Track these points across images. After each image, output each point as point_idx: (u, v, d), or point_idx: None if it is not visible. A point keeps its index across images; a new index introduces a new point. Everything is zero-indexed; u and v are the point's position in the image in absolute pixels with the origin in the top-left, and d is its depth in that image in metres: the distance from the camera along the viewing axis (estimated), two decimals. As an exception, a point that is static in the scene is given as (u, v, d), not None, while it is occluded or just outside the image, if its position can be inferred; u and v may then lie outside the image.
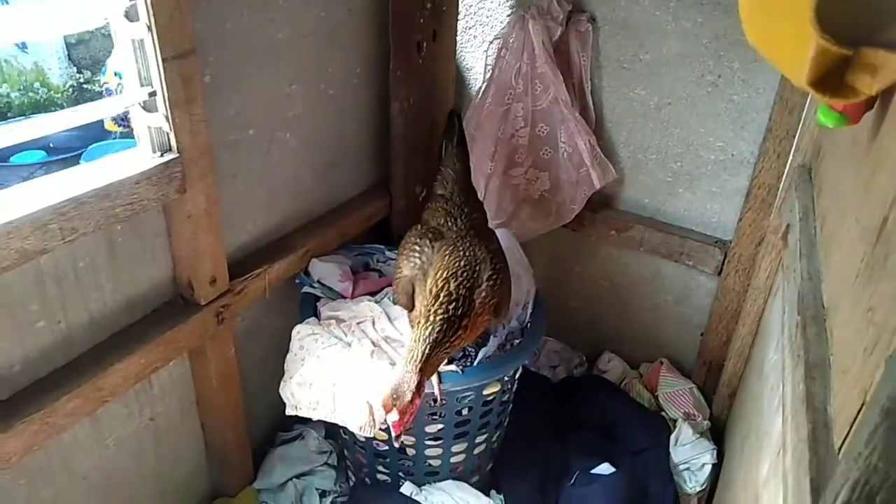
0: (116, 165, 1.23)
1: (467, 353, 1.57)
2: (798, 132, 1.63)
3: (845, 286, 0.85)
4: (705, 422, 1.96)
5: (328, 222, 1.79)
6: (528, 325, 1.67)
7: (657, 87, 1.86)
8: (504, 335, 1.62)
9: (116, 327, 1.35)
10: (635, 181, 2.00)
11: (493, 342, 1.58)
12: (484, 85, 1.99)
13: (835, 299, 0.91)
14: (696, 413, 1.97)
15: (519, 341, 1.64)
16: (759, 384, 1.51)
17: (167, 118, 1.24)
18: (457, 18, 1.90)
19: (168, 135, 1.27)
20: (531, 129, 1.97)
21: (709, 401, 2.05)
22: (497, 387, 1.57)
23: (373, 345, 1.53)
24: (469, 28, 2.06)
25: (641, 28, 1.81)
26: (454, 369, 1.48)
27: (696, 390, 2.05)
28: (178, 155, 1.28)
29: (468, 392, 1.52)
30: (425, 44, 1.76)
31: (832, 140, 1.27)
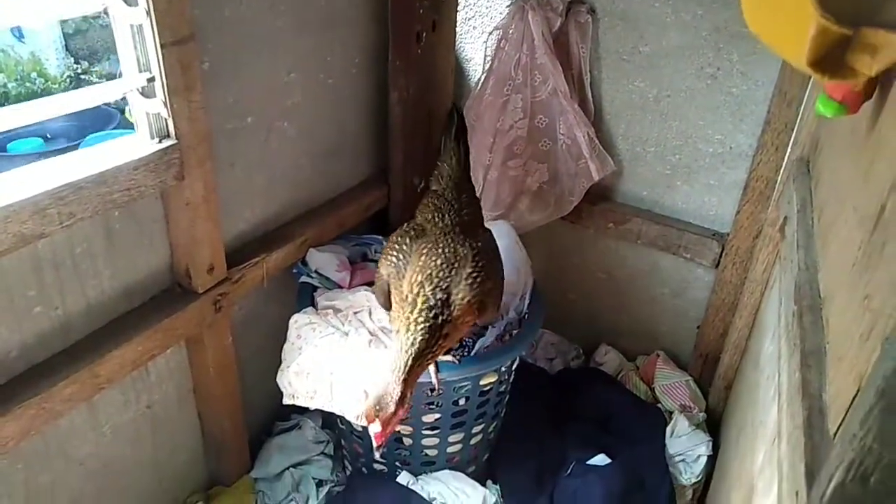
0: (115, 151, 1.23)
1: (464, 344, 1.57)
2: (796, 125, 1.64)
3: (842, 275, 0.85)
4: (701, 414, 1.97)
5: (326, 212, 1.79)
6: (526, 317, 1.67)
7: (656, 80, 1.86)
8: (502, 326, 1.62)
9: (114, 314, 1.35)
10: (634, 174, 2.00)
11: (491, 333, 1.58)
12: (483, 76, 1.99)
13: (831, 288, 0.91)
14: (693, 405, 1.98)
15: (516, 332, 1.64)
16: (755, 375, 1.51)
17: (165, 104, 1.24)
18: (456, 9, 1.90)
19: (166, 121, 1.27)
20: (530, 121, 1.97)
21: (705, 393, 2.06)
22: (494, 377, 1.58)
23: (370, 334, 1.53)
24: (469, 19, 2.05)
25: (641, 20, 1.81)
26: (451, 359, 1.48)
27: (693, 382, 2.05)
28: (177, 141, 1.28)
29: (465, 382, 1.53)
30: (424, 34, 1.76)
31: (830, 130, 1.27)
